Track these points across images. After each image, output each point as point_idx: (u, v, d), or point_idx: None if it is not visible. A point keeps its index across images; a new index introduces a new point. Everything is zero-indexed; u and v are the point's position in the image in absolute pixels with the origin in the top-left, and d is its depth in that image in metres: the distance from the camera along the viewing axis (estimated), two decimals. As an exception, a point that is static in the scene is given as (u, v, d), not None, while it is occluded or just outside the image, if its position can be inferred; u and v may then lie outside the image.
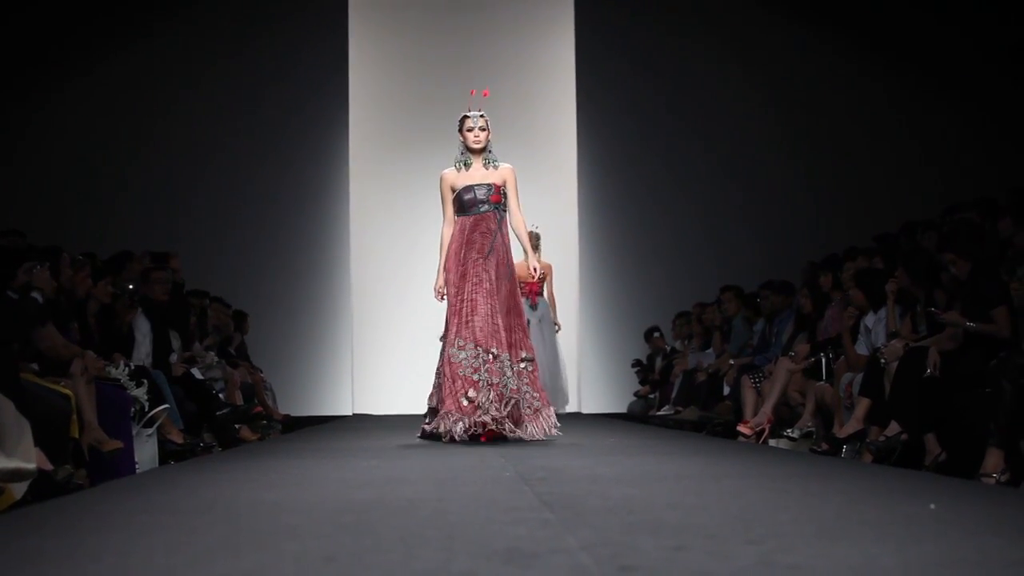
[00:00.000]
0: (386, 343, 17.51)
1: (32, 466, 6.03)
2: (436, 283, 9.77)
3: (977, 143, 16.92)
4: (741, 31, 17.57)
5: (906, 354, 8.67)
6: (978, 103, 17.02)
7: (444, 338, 9.61)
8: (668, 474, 6.41)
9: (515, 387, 9.27)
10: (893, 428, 8.56)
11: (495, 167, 9.87)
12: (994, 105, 16.90)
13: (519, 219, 9.92)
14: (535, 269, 10.21)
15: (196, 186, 17.19)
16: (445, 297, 9.67)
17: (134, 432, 9.17)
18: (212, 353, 12.75)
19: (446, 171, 9.93)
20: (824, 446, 9.66)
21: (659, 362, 15.92)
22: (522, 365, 9.53)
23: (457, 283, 9.57)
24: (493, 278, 9.52)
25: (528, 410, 9.38)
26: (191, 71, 17.36)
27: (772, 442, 10.78)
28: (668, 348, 16.12)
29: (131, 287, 10.85)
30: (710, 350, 14.48)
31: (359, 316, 17.60)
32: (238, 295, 15.41)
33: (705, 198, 17.40)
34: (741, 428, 11.20)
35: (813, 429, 10.48)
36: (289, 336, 17.08)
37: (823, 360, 10.71)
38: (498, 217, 9.77)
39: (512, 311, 9.71)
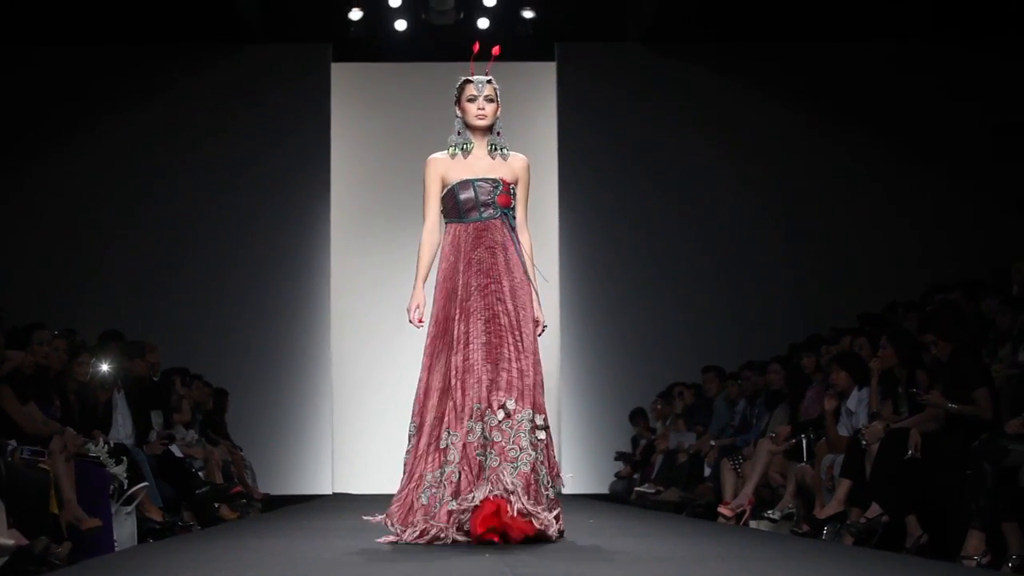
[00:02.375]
0: (367, 422, 17.43)
1: (11, 542, 5.99)
2: (411, 302, 7.29)
3: (960, 223, 16.97)
4: (723, 108, 17.62)
5: (887, 435, 8.67)
6: (961, 183, 17.08)
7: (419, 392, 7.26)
8: (648, 556, 6.38)
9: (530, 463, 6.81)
10: (874, 510, 8.55)
11: (504, 156, 7.45)
12: (977, 185, 16.98)
13: (525, 238, 7.44)
14: (541, 323, 7.36)
15: (178, 262, 17.15)
16: (422, 322, 7.25)
17: (113, 510, 9.13)
18: (192, 431, 12.71)
19: (436, 155, 7.48)
20: (805, 527, 9.64)
21: (642, 443, 15.87)
22: (540, 435, 6.96)
23: (446, 325, 7.20)
24: (514, 319, 7.14)
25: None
26: (173, 148, 17.36)
27: (753, 523, 10.75)
28: (652, 428, 16.07)
29: (107, 368, 10.78)
30: (691, 432, 14.45)
31: (339, 394, 17.54)
32: (218, 372, 15.35)
33: (686, 276, 17.39)
34: (722, 509, 11.16)
35: (794, 510, 10.46)
36: (269, 414, 17.00)
37: (804, 441, 10.69)
38: (509, 227, 7.34)
39: (531, 361, 7.12)
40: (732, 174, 17.55)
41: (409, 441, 7.15)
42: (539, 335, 7.29)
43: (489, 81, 7.40)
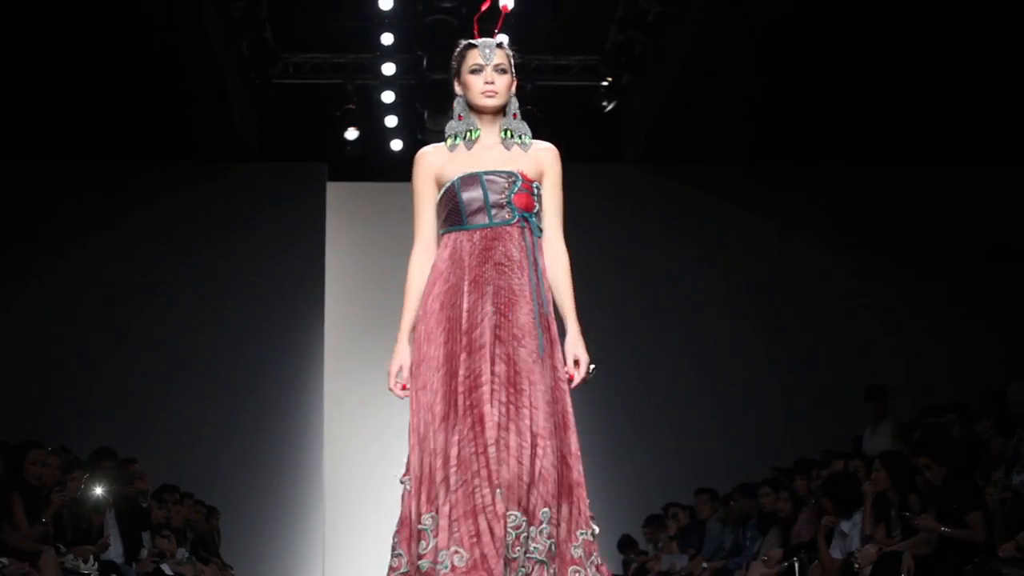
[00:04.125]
0: (360, 540, 17.32)
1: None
2: (393, 361, 5.50)
3: (955, 344, 16.98)
4: (715, 228, 17.67)
5: (880, 559, 8.66)
6: (956, 305, 17.13)
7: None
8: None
9: None
10: (869, 633, 8.51)
11: (524, 145, 5.65)
12: (972, 307, 17.02)
13: (561, 256, 5.60)
14: (582, 363, 5.53)
15: (172, 378, 17.11)
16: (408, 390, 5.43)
17: (103, 628, 9.08)
18: (183, 549, 12.65)
19: (429, 148, 5.72)
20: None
21: (634, 566, 15.78)
22: (577, 551, 5.33)
23: (440, 366, 5.35)
24: (532, 359, 5.34)
25: None
26: (168, 264, 17.38)
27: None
28: (644, 551, 15.99)
29: (100, 491, 10.76)
30: (683, 554, 14.39)
31: (332, 511, 17.45)
32: (211, 489, 15.30)
33: (677, 398, 17.34)
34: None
35: (788, 633, 10.41)
36: (261, 532, 16.90)
37: (796, 564, 10.66)
38: (531, 236, 5.51)
39: (560, 427, 5.37)
40: (724, 295, 17.57)
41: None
42: (590, 373, 5.55)
43: (500, 45, 5.63)
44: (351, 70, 17.13)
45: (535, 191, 5.56)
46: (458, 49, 5.70)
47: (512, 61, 5.64)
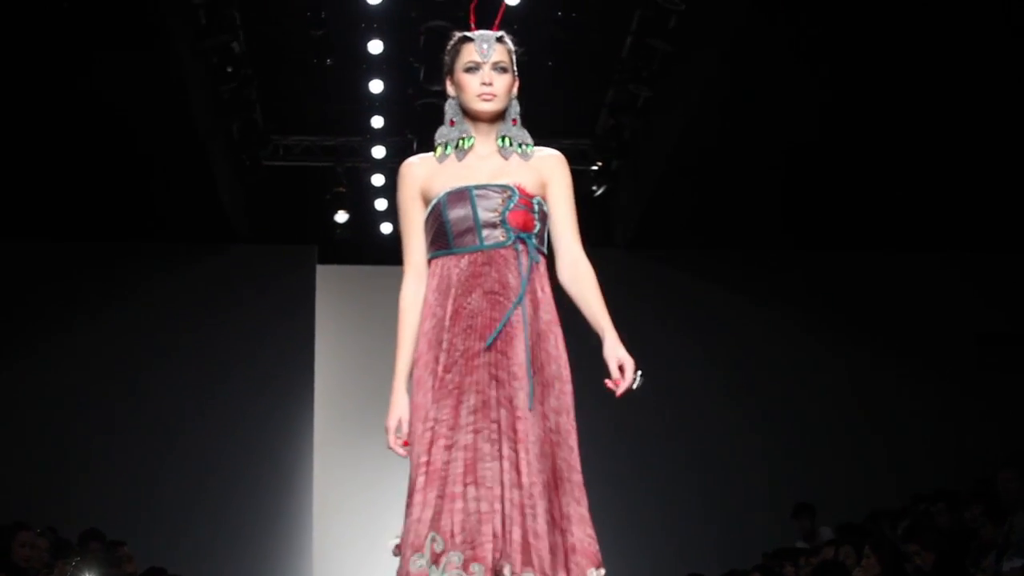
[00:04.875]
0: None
1: None
2: (390, 414, 4.78)
3: (944, 431, 16.93)
4: (704, 313, 17.68)
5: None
6: (945, 390, 17.09)
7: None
8: None
9: None
10: None
11: (524, 154, 4.92)
12: (961, 392, 16.99)
13: (585, 272, 4.95)
14: (628, 367, 5.02)
15: (160, 460, 17.00)
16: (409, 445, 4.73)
17: None
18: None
19: (415, 159, 5.02)
20: None
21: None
22: None
23: (432, 408, 4.65)
24: (531, 400, 4.68)
25: None
26: (156, 345, 17.31)
27: None
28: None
29: (89, 575, 10.67)
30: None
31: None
32: (199, 573, 15.18)
33: (667, 481, 17.27)
34: None
35: None
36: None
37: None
38: (528, 259, 4.79)
39: (564, 477, 4.81)
40: (716, 379, 17.53)
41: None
42: (635, 382, 5.03)
43: (500, 39, 4.90)
44: (341, 152, 17.19)
45: (535, 208, 4.82)
46: (451, 42, 4.97)
47: (515, 58, 4.93)
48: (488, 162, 4.87)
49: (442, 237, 4.81)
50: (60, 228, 16.94)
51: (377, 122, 16.27)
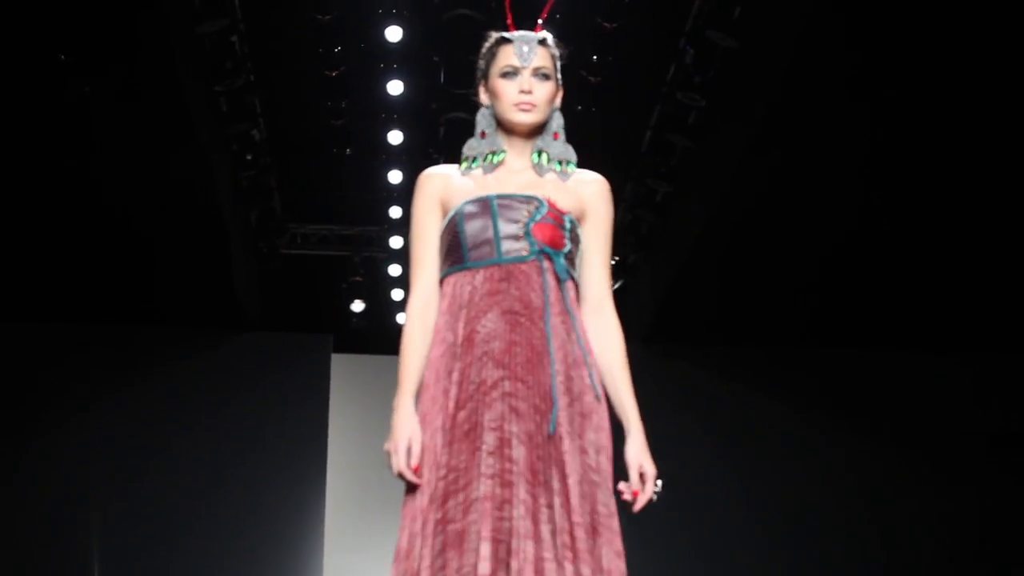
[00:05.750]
0: None
1: None
2: (394, 434, 4.26)
3: (956, 532, 16.79)
4: (721, 409, 17.59)
5: None
6: (956, 492, 16.96)
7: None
8: None
9: None
10: None
11: (562, 172, 4.33)
12: (972, 494, 16.85)
13: (614, 331, 4.38)
14: (649, 476, 4.48)
15: (170, 546, 16.88)
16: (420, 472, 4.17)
17: None
18: None
19: (435, 170, 4.50)
20: None
21: None
22: None
23: (443, 453, 4.02)
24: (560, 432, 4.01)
25: None
26: (167, 432, 17.22)
27: None
28: None
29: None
30: None
31: None
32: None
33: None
34: None
35: None
36: None
37: None
38: (557, 280, 4.17)
39: (603, 523, 4.11)
40: (730, 476, 17.40)
41: None
42: (654, 492, 4.39)
43: (543, 42, 4.27)
44: (358, 242, 17.23)
45: (567, 225, 4.19)
46: (487, 44, 4.37)
47: (559, 63, 4.33)
48: (519, 176, 4.28)
49: (456, 251, 4.16)
50: (74, 310, 16.94)
51: (395, 212, 16.30)
